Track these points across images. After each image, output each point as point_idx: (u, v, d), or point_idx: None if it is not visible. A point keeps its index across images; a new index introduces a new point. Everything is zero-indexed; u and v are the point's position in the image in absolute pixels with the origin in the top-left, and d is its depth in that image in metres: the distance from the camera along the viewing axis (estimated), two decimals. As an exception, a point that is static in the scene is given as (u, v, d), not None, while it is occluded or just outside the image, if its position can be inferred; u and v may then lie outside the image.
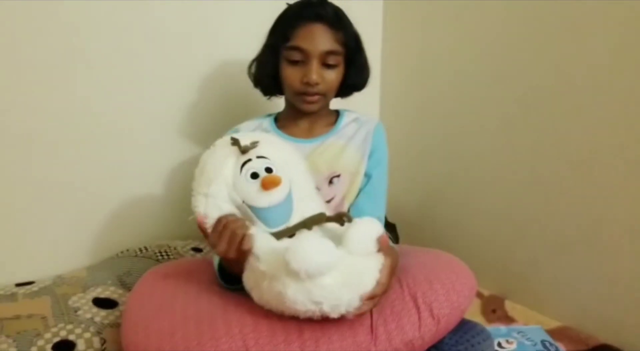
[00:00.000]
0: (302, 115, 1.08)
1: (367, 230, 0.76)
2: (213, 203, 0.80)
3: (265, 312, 0.78)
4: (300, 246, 0.68)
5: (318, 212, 0.82)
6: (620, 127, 1.10)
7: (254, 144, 0.82)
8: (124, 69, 1.25)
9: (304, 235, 0.75)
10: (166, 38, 1.29)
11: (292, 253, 0.67)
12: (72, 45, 1.17)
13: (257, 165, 0.80)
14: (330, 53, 0.98)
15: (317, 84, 0.98)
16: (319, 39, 0.97)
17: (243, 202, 0.80)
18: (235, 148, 0.82)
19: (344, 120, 1.11)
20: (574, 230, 1.22)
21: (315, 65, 0.97)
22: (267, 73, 1.06)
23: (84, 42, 1.19)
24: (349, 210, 1.05)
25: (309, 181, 0.91)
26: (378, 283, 0.74)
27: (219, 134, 1.10)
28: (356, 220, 0.78)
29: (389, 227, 1.47)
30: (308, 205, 0.85)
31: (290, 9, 1.03)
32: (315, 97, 1.01)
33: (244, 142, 0.82)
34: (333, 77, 1.01)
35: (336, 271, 0.69)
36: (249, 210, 0.81)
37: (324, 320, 0.77)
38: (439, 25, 1.52)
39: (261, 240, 0.76)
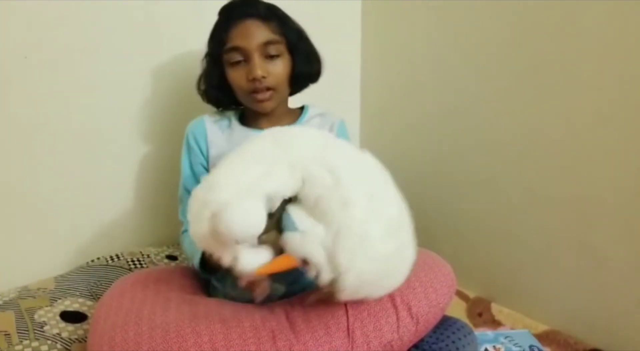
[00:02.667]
0: (262, 116, 1.04)
1: None
2: None
3: (237, 320, 0.76)
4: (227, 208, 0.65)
5: None
6: (612, 127, 1.08)
7: None
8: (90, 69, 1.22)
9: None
10: (132, 32, 1.26)
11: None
12: (31, 44, 1.14)
13: None
14: (268, 43, 0.95)
15: (263, 77, 0.94)
16: (253, 33, 0.94)
17: None
18: None
19: (308, 114, 1.08)
20: (563, 231, 1.20)
21: (256, 59, 0.94)
22: (213, 84, 1.03)
23: (48, 41, 1.15)
24: None
25: None
26: None
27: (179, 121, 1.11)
28: None
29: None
30: None
31: (221, 15, 1.00)
32: (267, 94, 0.96)
33: None
34: (279, 67, 0.97)
35: None
36: None
37: (299, 326, 0.74)
38: (419, 21, 1.50)
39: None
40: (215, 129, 1.05)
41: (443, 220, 1.51)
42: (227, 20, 0.97)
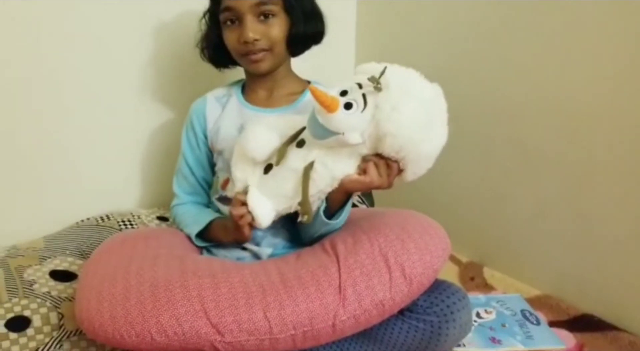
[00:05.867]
0: (260, 81, 1.02)
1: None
2: None
3: (226, 275, 0.76)
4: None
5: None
6: (608, 91, 1.06)
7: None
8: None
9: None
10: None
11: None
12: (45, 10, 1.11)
13: None
14: (260, 4, 0.91)
15: (255, 40, 0.92)
16: None
17: None
18: None
19: (308, 94, 1.03)
20: (556, 195, 1.19)
21: (248, 21, 0.91)
22: (211, 44, 1.02)
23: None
24: None
25: None
26: None
27: (191, 98, 1.09)
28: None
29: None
30: None
31: None
32: (260, 55, 0.94)
33: None
34: (274, 29, 0.93)
35: None
36: None
37: (290, 282, 0.74)
38: (413, 15, 1.48)
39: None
40: (216, 105, 1.04)
41: (436, 184, 1.49)
42: None
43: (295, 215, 0.81)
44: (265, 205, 0.80)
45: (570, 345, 1.03)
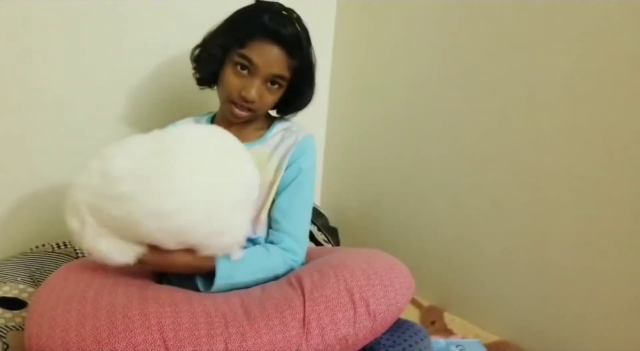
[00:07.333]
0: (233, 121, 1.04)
1: None
2: None
3: (188, 305, 0.74)
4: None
5: None
6: (567, 140, 1.12)
7: None
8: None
9: None
10: (124, 25, 1.24)
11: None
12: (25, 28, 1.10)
13: None
14: (277, 76, 0.96)
15: (253, 101, 0.96)
16: (273, 60, 0.94)
17: None
18: None
19: (275, 129, 1.06)
20: (517, 243, 1.23)
21: (258, 82, 0.95)
22: (210, 68, 1.02)
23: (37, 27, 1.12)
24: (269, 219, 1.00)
25: None
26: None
27: (162, 124, 1.07)
28: None
29: (330, 231, 1.46)
30: None
31: (254, 12, 0.96)
32: (245, 111, 0.98)
33: None
34: (272, 97, 0.99)
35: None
36: None
37: (253, 313, 0.72)
38: (391, 30, 1.53)
39: None
40: None
41: (400, 228, 1.53)
42: (257, 27, 0.93)
43: None
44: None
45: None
